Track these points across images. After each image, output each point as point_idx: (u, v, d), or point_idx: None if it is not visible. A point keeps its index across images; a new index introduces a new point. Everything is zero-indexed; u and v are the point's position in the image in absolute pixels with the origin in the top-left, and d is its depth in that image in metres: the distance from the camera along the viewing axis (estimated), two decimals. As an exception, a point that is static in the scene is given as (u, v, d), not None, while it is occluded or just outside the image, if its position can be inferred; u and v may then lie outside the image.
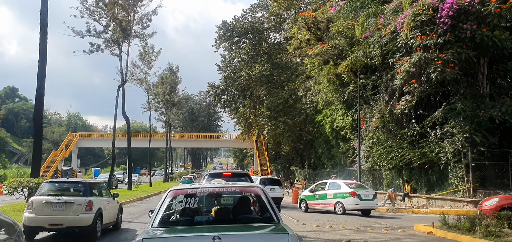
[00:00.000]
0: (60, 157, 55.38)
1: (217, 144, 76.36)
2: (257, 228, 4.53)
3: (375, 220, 15.17)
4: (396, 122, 21.21)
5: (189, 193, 4.90)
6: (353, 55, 22.80)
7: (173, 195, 4.89)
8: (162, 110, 51.80)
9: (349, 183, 18.01)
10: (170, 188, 5.10)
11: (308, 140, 42.89)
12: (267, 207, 4.69)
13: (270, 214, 4.60)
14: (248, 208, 5.08)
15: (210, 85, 39.49)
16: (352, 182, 19.40)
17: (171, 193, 4.87)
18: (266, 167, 57.14)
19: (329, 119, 32.26)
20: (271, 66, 36.98)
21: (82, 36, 32.06)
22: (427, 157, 19.21)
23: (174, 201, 5.00)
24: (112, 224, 11.44)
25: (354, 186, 17.57)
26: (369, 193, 17.41)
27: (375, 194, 17.86)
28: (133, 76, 40.43)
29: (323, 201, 17.86)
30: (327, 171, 37.81)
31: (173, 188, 5.06)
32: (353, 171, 30.28)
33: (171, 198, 4.85)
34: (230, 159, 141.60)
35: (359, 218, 15.75)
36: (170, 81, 50.76)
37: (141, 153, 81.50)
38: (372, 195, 17.31)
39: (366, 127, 24.73)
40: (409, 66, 17.68)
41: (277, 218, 4.54)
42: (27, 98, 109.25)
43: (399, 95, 20.82)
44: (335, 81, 29.08)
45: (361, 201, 16.60)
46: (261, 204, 4.85)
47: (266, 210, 4.70)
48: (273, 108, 36.61)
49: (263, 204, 4.79)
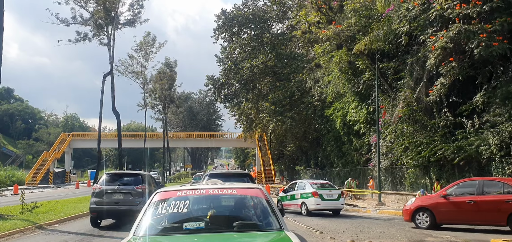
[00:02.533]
0: (51, 158, 52.45)
1: (217, 143, 73.28)
2: (256, 237, 3.93)
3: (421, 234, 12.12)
4: (425, 111, 18.20)
5: (179, 195, 4.28)
6: (372, 35, 19.82)
7: (160, 198, 4.29)
8: (159, 107, 48.76)
9: (314, 183, 17.85)
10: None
11: (315, 137, 39.95)
12: (269, 212, 4.16)
13: (272, 219, 4.07)
14: (247, 212, 4.40)
15: (209, 78, 36.43)
16: (318, 181, 19.16)
17: (158, 195, 4.32)
18: (269, 166, 54.35)
19: (340, 113, 29.25)
20: (276, 56, 33.97)
21: (67, 24, 29.33)
22: (465, 151, 16.23)
23: (162, 205, 4.21)
24: None
25: (318, 186, 17.30)
26: (332, 192, 17.00)
27: (340, 194, 17.29)
28: (128, 69, 37.47)
29: (293, 202, 17.68)
30: (336, 170, 34.79)
31: (161, 190, 4.51)
32: (368, 170, 27.31)
33: (157, 202, 4.24)
34: (231, 160, 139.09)
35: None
36: (168, 77, 47.83)
37: (139, 154, 78.72)
38: (336, 195, 16.93)
39: (385, 120, 21.79)
40: (446, 41, 14.70)
41: (280, 224, 3.98)
42: (23, 99, 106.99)
43: (427, 80, 17.86)
44: (347, 71, 26.16)
45: (323, 201, 16.42)
46: (262, 208, 4.25)
47: (267, 214, 4.15)
48: (279, 102, 33.63)
49: (264, 208, 4.23)
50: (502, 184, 11.46)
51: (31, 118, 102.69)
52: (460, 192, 11.99)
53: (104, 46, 29.95)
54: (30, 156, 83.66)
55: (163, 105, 47.68)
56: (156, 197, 4.28)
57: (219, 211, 4.32)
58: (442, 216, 11.99)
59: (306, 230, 11.83)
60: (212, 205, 4.37)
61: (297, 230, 12.24)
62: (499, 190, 11.29)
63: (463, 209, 11.52)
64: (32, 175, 49.56)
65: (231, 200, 4.46)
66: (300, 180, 20.77)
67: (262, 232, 3.97)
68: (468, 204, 11.42)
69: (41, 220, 12.52)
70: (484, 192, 11.42)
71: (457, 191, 12.04)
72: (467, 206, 11.43)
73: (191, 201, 4.24)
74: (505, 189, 11.13)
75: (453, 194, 11.95)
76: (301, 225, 12.95)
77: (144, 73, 39.51)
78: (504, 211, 10.78)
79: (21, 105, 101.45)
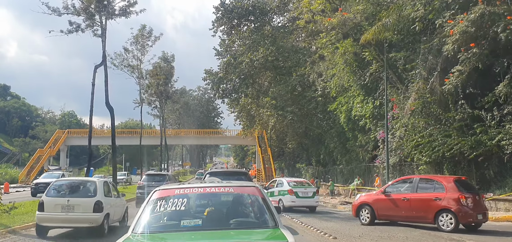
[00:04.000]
0: (46, 156, 51.06)
1: (216, 140, 71.94)
2: (252, 234, 3.93)
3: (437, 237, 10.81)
4: (439, 103, 16.85)
5: (177, 193, 4.33)
6: (380, 24, 18.48)
7: (159, 196, 4.33)
8: (156, 104, 47.27)
9: (290, 181, 18.70)
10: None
11: (316, 134, 38.61)
12: (265, 209, 4.20)
13: (268, 216, 4.11)
14: (244, 210, 4.45)
15: (207, 72, 35.01)
16: (295, 180, 19.94)
17: (156, 193, 4.37)
18: (269, 164, 53.10)
19: (344, 108, 27.90)
20: (276, 50, 32.54)
21: (59, 14, 27.91)
22: (485, 145, 14.91)
23: (159, 203, 4.22)
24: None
25: (293, 183, 18.11)
26: (307, 190, 17.78)
27: (315, 192, 18.07)
28: (123, 63, 36.02)
29: (272, 198, 17.36)
30: (340, 167, 33.48)
31: (159, 188, 4.56)
32: (374, 167, 26.00)
33: (156, 200, 4.26)
34: (231, 158, 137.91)
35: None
36: (165, 72, 46.35)
37: (137, 152, 77.25)
38: (311, 193, 17.70)
39: (395, 113, 20.45)
40: (466, 25, 13.35)
41: (275, 222, 4.03)
42: (20, 97, 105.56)
43: (442, 70, 16.51)
44: (352, 63, 24.82)
45: (298, 199, 17.19)
46: (258, 206, 4.29)
47: (263, 212, 4.19)
48: (280, 97, 32.25)
49: (260, 205, 4.28)
50: (434, 182, 11.67)
51: (28, 115, 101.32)
52: (398, 189, 12.24)
53: (98, 39, 28.60)
54: (26, 154, 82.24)
55: (160, 101, 46.21)
56: (155, 195, 4.32)
57: (216, 209, 4.33)
58: (381, 212, 12.29)
59: (316, 235, 10.52)
60: (209, 203, 4.39)
61: (306, 233, 10.96)
62: (430, 188, 11.50)
63: (399, 206, 11.79)
64: (25, 172, 48.19)
65: (228, 198, 4.47)
66: (279, 178, 21.76)
67: (258, 229, 4.05)
68: (402, 201, 11.70)
69: (16, 223, 11.14)
70: (418, 190, 11.67)
71: (396, 188, 12.32)
72: (402, 203, 11.72)
73: (189, 199, 4.30)
74: (436, 187, 11.33)
75: (392, 191, 12.19)
76: (310, 229, 11.65)
77: (139, 67, 38.00)
78: (432, 209, 11.01)
79: (17, 103, 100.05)
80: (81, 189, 10.63)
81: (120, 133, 58.91)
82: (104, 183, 11.00)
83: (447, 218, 10.80)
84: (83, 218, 9.83)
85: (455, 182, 11.24)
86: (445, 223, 10.82)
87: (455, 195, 10.80)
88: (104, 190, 10.54)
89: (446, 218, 10.82)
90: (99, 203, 9.91)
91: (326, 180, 36.19)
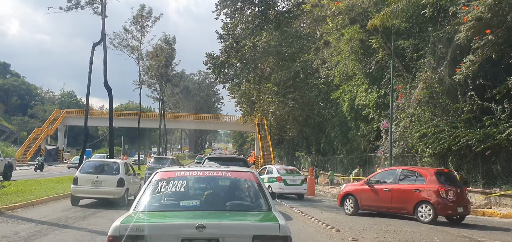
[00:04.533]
0: (43, 135, 50.56)
1: (216, 125, 71.42)
2: (247, 216, 4.18)
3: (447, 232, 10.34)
4: (448, 94, 16.27)
5: (177, 176, 4.53)
6: (389, 9, 17.79)
7: (160, 177, 4.50)
8: (156, 86, 46.54)
9: (279, 168, 19.34)
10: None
11: (317, 122, 38.09)
12: (259, 194, 4.43)
13: (262, 201, 4.33)
14: (240, 194, 4.64)
15: (208, 55, 34.22)
16: (284, 167, 20.67)
17: (158, 175, 4.55)
18: (268, 151, 52.73)
19: (347, 96, 27.31)
20: (280, 35, 31.78)
21: (59, -10, 27.20)
22: (494, 138, 14.39)
23: (160, 184, 4.43)
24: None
25: (283, 171, 18.67)
26: (296, 178, 18.23)
27: (303, 179, 18.48)
28: (122, 43, 35.25)
29: None
30: (340, 157, 33.02)
31: (161, 170, 4.74)
32: (375, 157, 25.54)
33: (157, 181, 4.46)
34: (230, 144, 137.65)
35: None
36: (165, 54, 45.59)
37: (137, 134, 76.65)
38: (300, 181, 18.14)
39: (400, 103, 19.89)
40: (482, 11, 12.72)
41: (269, 206, 4.24)
42: (19, 75, 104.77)
43: (452, 59, 15.90)
44: (358, 51, 24.18)
45: (286, 186, 17.61)
46: (254, 191, 4.52)
47: (258, 197, 4.41)
48: (282, 84, 31.62)
49: (255, 190, 4.50)
50: (416, 173, 11.64)
51: (27, 94, 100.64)
52: (381, 179, 12.27)
53: (99, 19, 27.89)
54: (24, 133, 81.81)
55: (160, 83, 45.50)
56: (156, 176, 4.50)
57: (214, 192, 4.52)
58: (364, 203, 12.31)
59: (318, 226, 10.05)
60: (208, 186, 4.56)
61: (307, 224, 10.49)
62: (412, 180, 11.53)
63: (381, 197, 11.84)
64: (22, 151, 47.75)
65: (226, 182, 4.67)
66: (270, 165, 22.42)
67: (252, 211, 4.27)
68: (384, 192, 11.75)
69: (2, 203, 10.64)
70: (400, 181, 11.71)
71: (379, 178, 12.37)
72: (384, 194, 11.77)
73: (188, 181, 4.48)
74: (417, 179, 11.34)
75: (375, 181, 12.23)
76: (311, 219, 11.19)
77: (139, 48, 37.21)
78: (412, 200, 11.09)
79: (17, 81, 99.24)
80: (107, 168, 12.99)
81: (120, 114, 58.40)
82: (125, 164, 13.56)
83: (426, 209, 10.85)
84: (109, 191, 12.27)
85: (436, 174, 11.19)
86: (423, 214, 10.88)
87: (435, 186, 10.81)
88: (125, 169, 12.97)
89: (425, 209, 10.87)
90: (121, 180, 12.39)
91: (325, 169, 35.78)
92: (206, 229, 3.52)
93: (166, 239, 3.61)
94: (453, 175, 13.08)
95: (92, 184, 12.23)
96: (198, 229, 3.51)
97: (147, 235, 3.54)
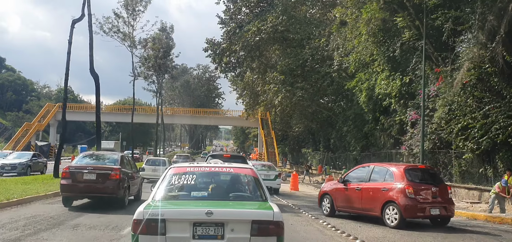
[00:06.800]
0: (33, 130, 47.64)
1: (217, 121, 68.41)
2: (247, 204, 4.96)
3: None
4: (502, 75, 13.27)
5: (188, 171, 5.36)
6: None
7: (174, 172, 5.34)
8: (152, 78, 43.55)
9: (255, 164, 20.15)
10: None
11: (325, 117, 35.16)
12: (257, 187, 5.23)
13: (260, 193, 5.13)
14: (241, 187, 5.42)
15: (208, 41, 31.23)
16: (259, 163, 22.05)
17: (172, 170, 5.40)
18: (272, 148, 49.91)
19: (365, 85, 24.26)
20: (287, 19, 28.77)
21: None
22: None
23: (174, 178, 5.25)
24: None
25: (258, 166, 19.83)
26: (270, 173, 19.06)
27: (277, 175, 19.39)
28: (112, 29, 32.24)
29: None
30: (353, 154, 29.94)
31: (174, 165, 5.65)
32: (397, 154, 22.50)
33: (171, 175, 5.26)
34: (230, 141, 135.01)
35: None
36: (163, 44, 42.60)
37: (135, 130, 73.98)
38: (274, 176, 19.05)
39: (435, 91, 16.91)
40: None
41: (265, 197, 5.04)
42: (15, 69, 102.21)
43: (506, 33, 12.91)
44: (378, 33, 21.21)
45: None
46: (252, 184, 5.33)
47: (256, 189, 5.22)
48: (289, 72, 28.62)
49: (253, 184, 5.31)
50: (386, 170, 10.46)
51: (23, 89, 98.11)
52: (355, 177, 11.22)
53: None
54: (19, 129, 79.29)
55: (157, 75, 42.51)
56: (171, 171, 5.36)
57: (218, 184, 5.39)
58: (338, 203, 11.47)
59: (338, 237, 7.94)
60: (213, 179, 5.44)
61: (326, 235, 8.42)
62: (382, 178, 10.42)
63: (353, 196, 10.93)
64: (10, 147, 44.83)
65: (229, 176, 5.55)
66: (250, 161, 23.08)
67: (251, 201, 5.10)
68: (355, 191, 10.83)
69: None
70: (371, 179, 10.66)
71: (353, 176, 11.33)
72: (354, 194, 10.86)
73: (197, 175, 5.34)
74: (387, 177, 10.24)
75: (350, 180, 11.23)
76: (328, 227, 9.31)
77: (131, 34, 34.19)
78: (379, 200, 10.10)
79: (12, 76, 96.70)
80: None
81: (113, 109, 55.44)
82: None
83: (392, 211, 9.70)
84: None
85: (406, 171, 9.93)
86: (390, 217, 9.72)
87: (401, 185, 9.61)
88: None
89: (391, 211, 9.71)
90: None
91: (336, 167, 32.93)
92: (213, 215, 4.32)
93: (181, 222, 4.40)
94: (434, 171, 11.78)
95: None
96: (207, 215, 4.32)
97: (166, 219, 4.31)
